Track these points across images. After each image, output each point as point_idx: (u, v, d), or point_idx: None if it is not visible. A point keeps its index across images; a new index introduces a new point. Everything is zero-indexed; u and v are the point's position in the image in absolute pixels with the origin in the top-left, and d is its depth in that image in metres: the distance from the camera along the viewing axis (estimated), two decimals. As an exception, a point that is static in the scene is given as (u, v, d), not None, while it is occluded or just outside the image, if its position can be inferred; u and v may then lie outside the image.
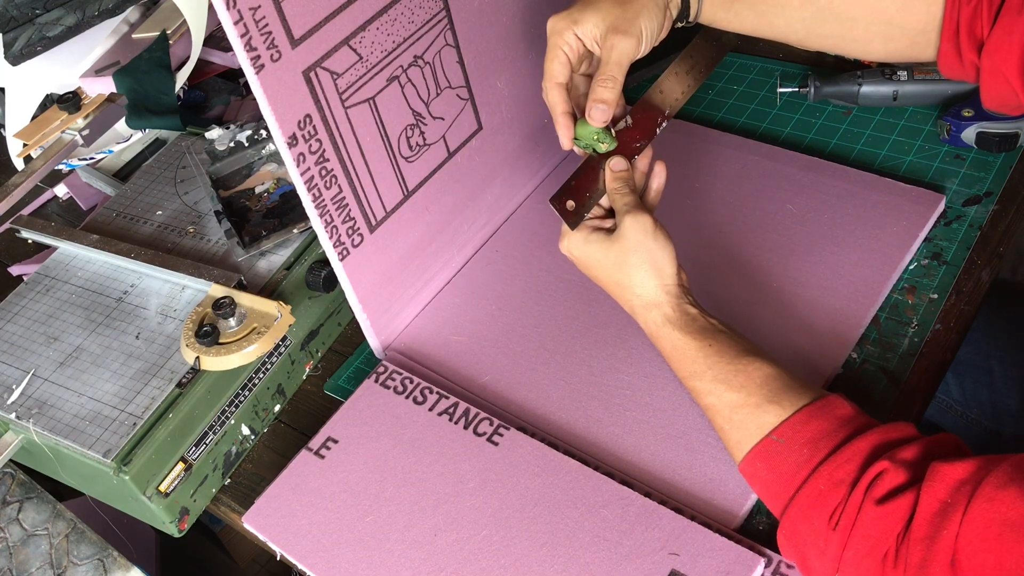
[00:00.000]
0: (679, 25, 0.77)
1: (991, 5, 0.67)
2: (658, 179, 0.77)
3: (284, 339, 0.85)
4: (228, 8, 0.62)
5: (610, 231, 0.74)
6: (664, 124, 0.78)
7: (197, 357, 0.79)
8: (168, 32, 1.13)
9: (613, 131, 0.75)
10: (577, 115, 0.76)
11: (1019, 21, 0.65)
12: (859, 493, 0.58)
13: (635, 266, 0.72)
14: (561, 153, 1.00)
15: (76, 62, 1.14)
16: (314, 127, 0.71)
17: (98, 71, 1.13)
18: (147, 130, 1.15)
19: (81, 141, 1.07)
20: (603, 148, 0.75)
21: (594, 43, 0.72)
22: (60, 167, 1.15)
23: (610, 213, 0.77)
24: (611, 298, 0.86)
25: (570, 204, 0.74)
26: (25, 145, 1.08)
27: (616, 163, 0.75)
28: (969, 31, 0.68)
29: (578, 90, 0.76)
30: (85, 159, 1.16)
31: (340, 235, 0.77)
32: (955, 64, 0.71)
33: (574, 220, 0.75)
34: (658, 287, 0.72)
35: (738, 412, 0.66)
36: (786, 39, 0.77)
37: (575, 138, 0.75)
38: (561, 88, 0.74)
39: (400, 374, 0.83)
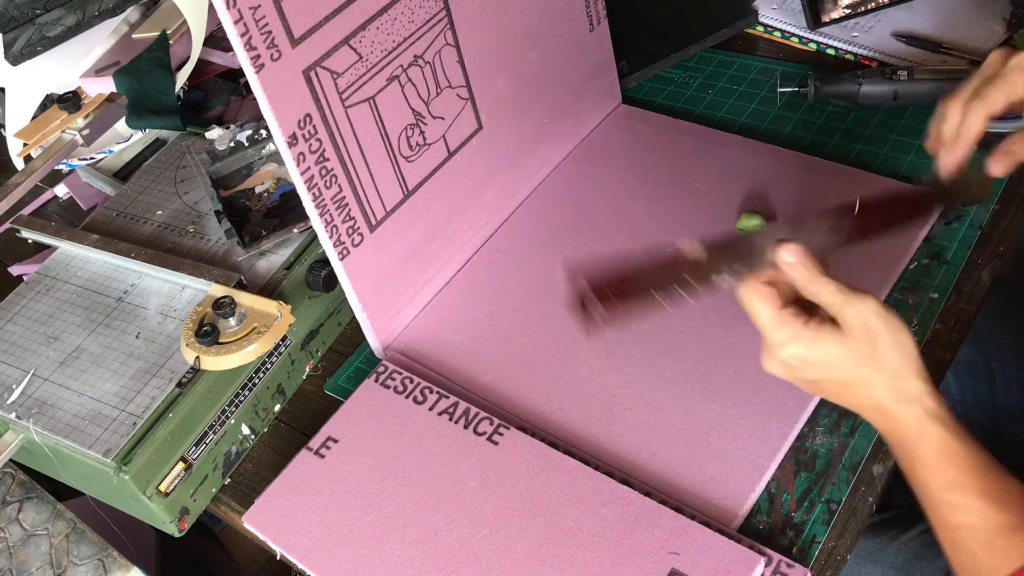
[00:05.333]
0: None
1: None
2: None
3: (284, 339, 0.85)
4: (228, 8, 0.62)
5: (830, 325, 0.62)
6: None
7: (197, 357, 0.79)
8: (168, 32, 1.13)
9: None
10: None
11: None
12: None
13: (884, 356, 0.60)
14: (561, 153, 1.00)
15: (76, 62, 1.14)
16: (314, 127, 0.71)
17: (98, 71, 1.13)
18: (147, 130, 1.15)
19: (81, 141, 1.07)
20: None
21: None
22: (60, 167, 1.15)
23: (801, 308, 0.63)
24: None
25: (607, 304, 0.60)
26: (25, 145, 1.08)
27: (790, 251, 0.61)
28: None
29: None
30: (85, 159, 1.16)
31: (340, 235, 0.77)
32: None
33: (604, 319, 0.60)
34: (915, 375, 0.61)
35: (1002, 536, 0.58)
36: None
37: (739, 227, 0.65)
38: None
39: (400, 374, 0.83)
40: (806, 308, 0.63)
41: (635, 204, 0.94)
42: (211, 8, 1.06)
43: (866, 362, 0.61)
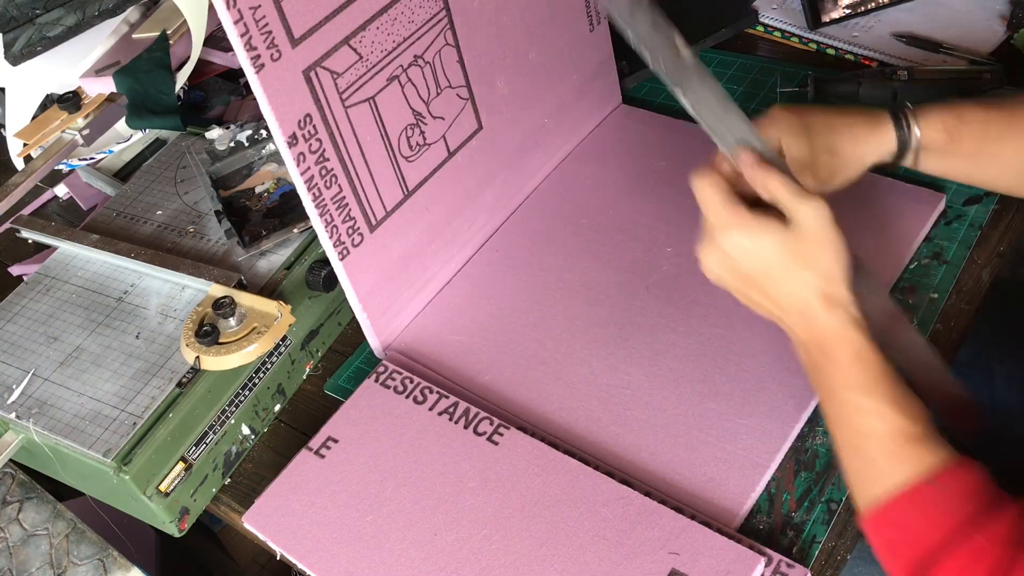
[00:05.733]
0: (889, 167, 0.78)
1: None
2: None
3: (284, 339, 0.85)
4: (228, 8, 0.62)
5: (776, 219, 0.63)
6: None
7: (197, 357, 0.79)
8: (168, 32, 1.13)
9: None
10: None
11: None
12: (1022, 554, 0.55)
13: (822, 259, 0.63)
14: (561, 153, 1.00)
15: (76, 62, 1.14)
16: (314, 127, 0.71)
17: (98, 71, 1.13)
18: (147, 130, 1.15)
19: (81, 141, 1.07)
20: None
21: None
22: (60, 167, 1.15)
23: (754, 204, 0.65)
24: (611, 298, 0.86)
25: None
26: (25, 145, 1.08)
27: (748, 150, 0.64)
28: None
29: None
30: (85, 159, 1.16)
31: (340, 235, 0.77)
32: None
33: None
34: (845, 283, 0.63)
35: (904, 443, 0.60)
36: (994, 187, 0.79)
37: None
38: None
39: (400, 374, 0.83)
40: (755, 206, 0.64)
41: (635, 204, 0.94)
42: (211, 8, 1.06)
43: (803, 260, 0.63)
